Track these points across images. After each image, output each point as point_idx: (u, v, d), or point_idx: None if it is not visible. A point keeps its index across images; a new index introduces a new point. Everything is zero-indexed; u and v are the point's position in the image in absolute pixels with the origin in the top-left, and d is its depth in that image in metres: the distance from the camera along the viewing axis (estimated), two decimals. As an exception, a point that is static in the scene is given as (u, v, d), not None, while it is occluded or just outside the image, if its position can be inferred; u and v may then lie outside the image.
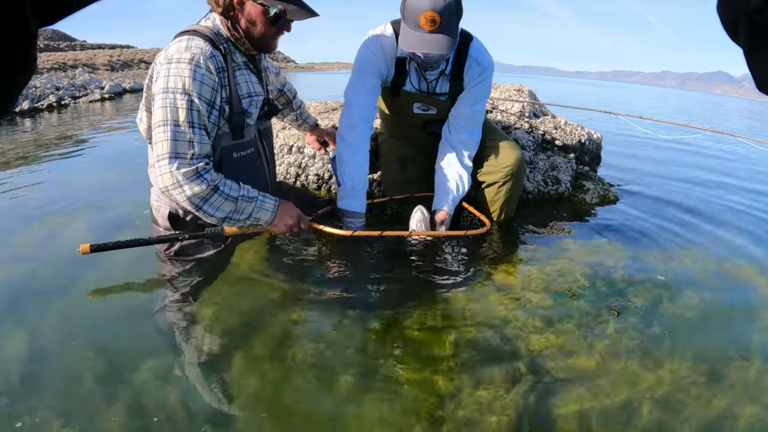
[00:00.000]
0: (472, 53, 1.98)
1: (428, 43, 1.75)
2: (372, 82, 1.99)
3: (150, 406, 1.17)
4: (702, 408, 1.25)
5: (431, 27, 1.72)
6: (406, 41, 1.77)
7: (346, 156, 1.99)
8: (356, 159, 1.99)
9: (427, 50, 1.76)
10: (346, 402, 1.20)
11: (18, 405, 1.16)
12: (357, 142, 1.99)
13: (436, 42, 1.74)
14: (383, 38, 1.96)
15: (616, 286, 1.85)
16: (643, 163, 4.36)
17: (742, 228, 2.69)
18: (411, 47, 1.77)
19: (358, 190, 2.00)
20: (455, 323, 1.55)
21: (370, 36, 1.98)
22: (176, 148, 1.50)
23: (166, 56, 1.53)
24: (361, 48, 1.99)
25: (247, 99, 1.68)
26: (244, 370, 1.31)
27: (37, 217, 2.36)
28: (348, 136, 1.99)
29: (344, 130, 2.01)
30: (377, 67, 1.98)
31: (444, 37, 1.74)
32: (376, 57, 1.97)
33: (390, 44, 1.97)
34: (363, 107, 1.99)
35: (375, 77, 1.99)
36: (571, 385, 1.29)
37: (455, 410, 1.19)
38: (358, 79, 1.98)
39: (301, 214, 1.76)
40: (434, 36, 1.73)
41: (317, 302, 1.66)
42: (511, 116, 3.18)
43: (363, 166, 2.01)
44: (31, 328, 1.46)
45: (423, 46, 1.75)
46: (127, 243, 1.71)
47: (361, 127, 1.99)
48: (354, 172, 1.99)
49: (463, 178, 2.09)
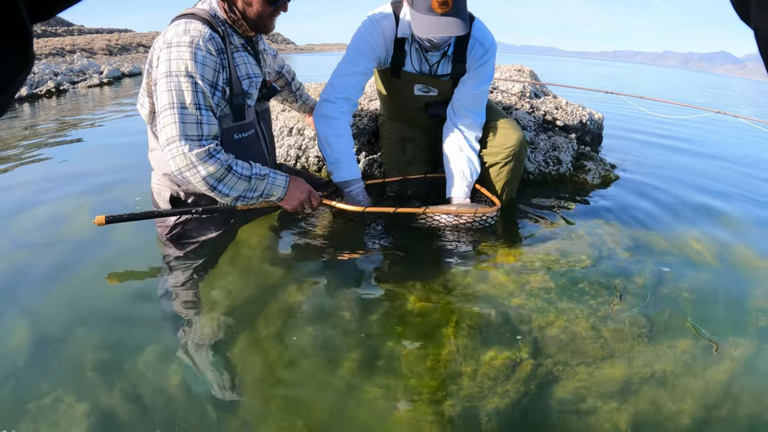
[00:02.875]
0: (475, 34, 1.97)
1: (442, 27, 1.73)
2: (364, 64, 1.97)
3: (154, 389, 1.19)
4: (702, 386, 1.26)
5: (443, 9, 1.70)
6: (420, 27, 1.75)
7: (322, 128, 1.96)
8: (333, 130, 1.96)
9: (441, 34, 1.74)
10: (349, 384, 1.22)
11: (24, 388, 1.18)
12: (332, 114, 1.95)
13: (450, 25, 1.72)
14: (383, 19, 1.94)
15: (618, 267, 1.85)
16: (644, 144, 4.34)
17: (744, 208, 2.69)
18: (426, 33, 1.75)
19: (343, 159, 1.97)
20: (458, 305, 1.56)
21: (370, 16, 1.96)
22: (185, 131, 1.50)
23: (165, 41, 1.52)
24: (359, 28, 1.97)
25: (246, 80, 1.68)
26: (248, 352, 1.33)
27: (38, 202, 2.37)
28: (324, 110, 1.96)
29: (321, 105, 1.97)
30: (374, 49, 1.96)
31: (456, 19, 1.72)
32: (374, 37, 1.95)
33: (390, 25, 1.94)
34: (347, 86, 1.96)
35: (369, 60, 1.97)
36: (573, 365, 1.30)
37: (457, 391, 1.20)
38: (351, 59, 1.96)
39: (312, 190, 1.77)
40: (447, 19, 1.72)
41: (320, 283, 1.67)
42: (511, 96, 3.16)
43: (341, 135, 1.97)
44: (35, 312, 1.48)
45: (437, 30, 1.74)
46: (140, 215, 1.73)
47: (340, 103, 1.96)
48: (333, 143, 1.96)
49: (474, 161, 2.08)
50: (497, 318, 1.49)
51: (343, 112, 1.97)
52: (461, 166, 2.07)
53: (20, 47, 0.34)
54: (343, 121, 1.97)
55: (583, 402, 1.19)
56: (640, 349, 1.39)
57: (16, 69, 0.35)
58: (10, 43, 0.34)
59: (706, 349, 1.40)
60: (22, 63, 0.35)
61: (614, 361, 1.33)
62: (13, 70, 0.35)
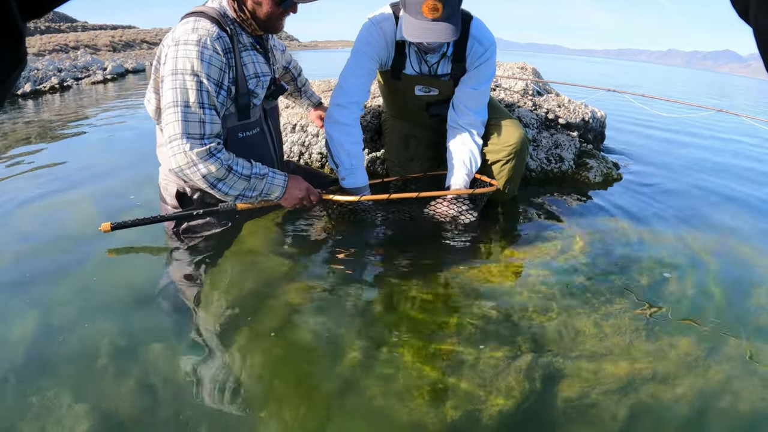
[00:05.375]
0: (473, 33, 1.97)
1: (431, 32, 1.73)
2: (369, 65, 1.99)
3: (159, 383, 1.20)
4: (702, 383, 1.27)
5: (434, 15, 1.70)
6: (409, 31, 1.76)
7: (338, 136, 1.98)
8: (350, 137, 1.99)
9: (430, 39, 1.74)
10: (351, 378, 1.23)
11: (29, 383, 1.19)
12: (348, 122, 1.98)
13: (440, 30, 1.72)
14: (383, 21, 1.96)
15: (619, 264, 1.86)
16: (647, 142, 4.35)
17: (745, 208, 2.70)
18: (414, 37, 1.75)
19: (357, 166, 2.00)
20: (459, 301, 1.58)
21: (371, 18, 1.98)
22: (187, 129, 1.52)
23: (173, 38, 1.55)
24: (361, 31, 1.99)
25: (254, 79, 1.70)
26: (251, 346, 1.34)
27: (44, 197, 2.39)
28: (339, 116, 1.99)
29: (334, 110, 2.00)
30: (376, 51, 1.98)
31: (447, 25, 1.72)
32: (376, 39, 1.97)
33: (390, 27, 1.96)
34: (356, 89, 1.99)
35: (372, 61, 1.99)
36: (574, 362, 1.32)
37: (459, 388, 1.21)
38: (356, 62, 1.99)
39: (310, 187, 1.79)
40: (437, 24, 1.72)
41: (323, 278, 1.69)
42: (514, 94, 3.17)
43: (357, 143, 2.01)
44: (42, 307, 1.49)
45: (426, 35, 1.74)
46: (145, 220, 1.75)
47: (352, 108, 1.99)
48: (350, 150, 1.98)
49: (475, 154, 2.08)
50: (499, 314, 1.51)
51: (356, 118, 2.01)
52: (462, 157, 2.07)
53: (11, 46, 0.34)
54: (358, 129, 2.01)
55: (585, 398, 1.20)
56: (641, 346, 1.40)
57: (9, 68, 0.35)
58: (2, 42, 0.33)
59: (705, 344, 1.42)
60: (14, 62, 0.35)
61: (615, 358, 1.34)
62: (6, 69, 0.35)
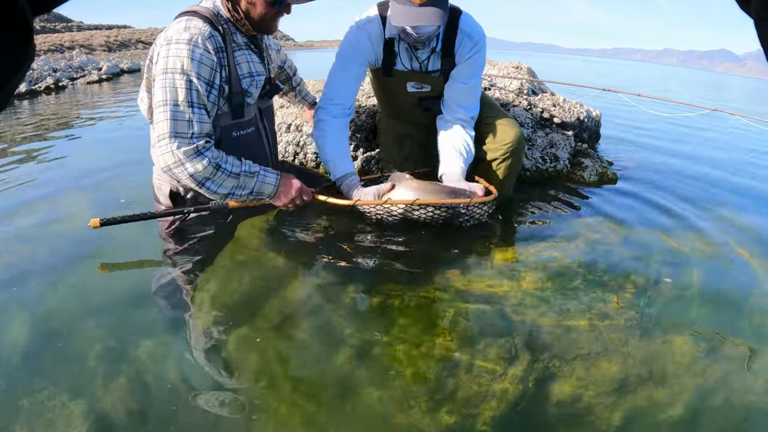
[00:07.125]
0: (462, 27, 1.97)
1: (418, 16, 1.73)
2: (355, 69, 2.01)
3: (152, 382, 1.20)
4: (698, 383, 1.27)
5: (421, 0, 1.71)
6: (396, 16, 1.77)
7: (315, 134, 2.03)
8: (320, 132, 2.01)
9: (417, 23, 1.75)
10: (346, 378, 1.23)
11: (21, 382, 1.18)
12: (322, 117, 2.01)
13: (426, 14, 1.73)
14: (369, 23, 1.97)
15: (614, 263, 1.86)
16: (642, 141, 4.35)
17: (741, 208, 2.70)
18: (401, 21, 1.76)
19: (335, 158, 2.00)
20: (454, 301, 1.58)
21: (356, 21, 1.99)
22: (176, 128, 1.52)
23: (166, 37, 1.55)
24: (346, 35, 2.01)
25: (248, 79, 1.70)
26: (246, 345, 1.34)
27: (39, 197, 2.38)
28: (316, 116, 2.03)
29: (320, 113, 2.02)
30: (362, 54, 1.99)
31: (434, 9, 1.73)
32: (361, 43, 1.98)
33: (376, 28, 1.97)
34: (342, 93, 2.01)
35: (359, 64, 2.01)
36: (569, 362, 1.32)
37: (454, 390, 1.21)
38: (341, 65, 2.00)
39: (303, 186, 1.78)
40: (424, 9, 1.73)
41: (318, 278, 1.69)
42: (509, 93, 3.18)
43: (327, 134, 2.01)
44: (35, 306, 1.49)
45: (413, 20, 1.74)
46: (134, 217, 1.74)
47: (336, 111, 2.01)
48: (323, 144, 2.01)
49: (469, 142, 2.07)
50: (494, 314, 1.51)
51: (334, 116, 2.02)
52: (456, 144, 2.05)
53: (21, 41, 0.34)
54: (330, 122, 2.01)
55: (580, 398, 1.20)
56: (636, 345, 1.40)
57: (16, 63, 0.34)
58: (10, 38, 0.33)
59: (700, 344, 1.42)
60: (23, 57, 0.34)
61: (610, 358, 1.34)
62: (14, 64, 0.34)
